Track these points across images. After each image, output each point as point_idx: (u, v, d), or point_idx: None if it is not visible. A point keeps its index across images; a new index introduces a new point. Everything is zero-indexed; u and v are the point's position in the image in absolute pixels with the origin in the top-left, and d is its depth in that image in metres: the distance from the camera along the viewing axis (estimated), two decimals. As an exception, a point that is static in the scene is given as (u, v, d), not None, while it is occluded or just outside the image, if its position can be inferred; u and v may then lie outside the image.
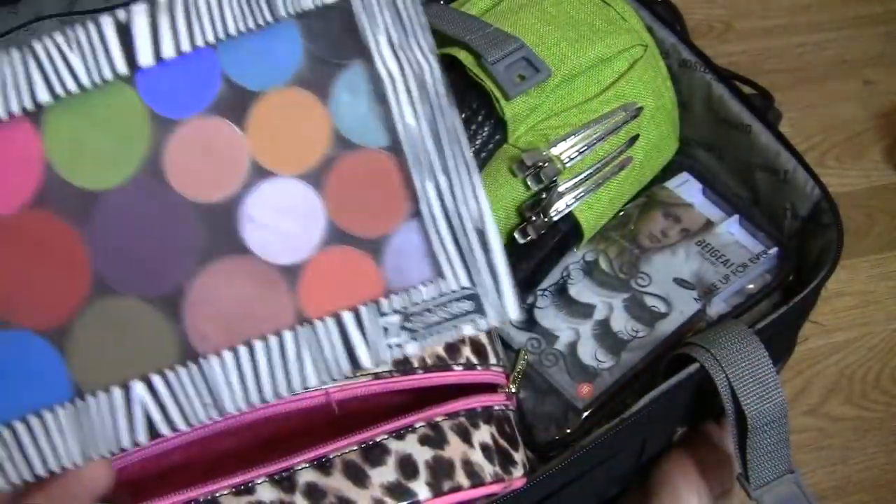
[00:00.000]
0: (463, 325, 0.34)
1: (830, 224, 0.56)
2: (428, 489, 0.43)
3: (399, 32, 0.35)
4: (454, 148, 0.35)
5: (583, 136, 0.55)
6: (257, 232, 0.34)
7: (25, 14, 0.58)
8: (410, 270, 0.34)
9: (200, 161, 0.34)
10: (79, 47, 0.34)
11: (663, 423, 0.53)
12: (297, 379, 0.34)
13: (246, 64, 0.34)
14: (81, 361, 0.34)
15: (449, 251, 0.35)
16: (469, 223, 0.35)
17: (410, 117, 0.35)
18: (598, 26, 0.57)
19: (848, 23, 0.91)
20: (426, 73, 0.35)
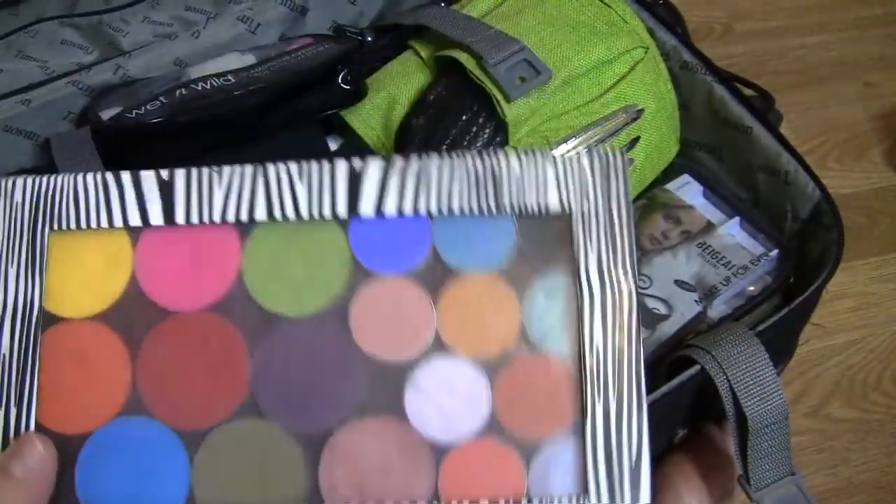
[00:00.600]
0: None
1: (831, 226, 0.56)
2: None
3: (609, 255, 0.35)
4: (632, 378, 0.35)
5: (584, 138, 0.55)
6: (420, 402, 0.34)
7: (26, 16, 0.58)
8: (556, 481, 0.34)
9: (388, 319, 0.35)
10: (308, 180, 0.35)
11: (664, 425, 0.53)
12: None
13: (457, 242, 0.35)
14: (207, 472, 0.34)
15: (600, 471, 0.35)
16: (626, 452, 0.35)
17: (598, 335, 0.35)
18: (599, 28, 0.58)
19: (848, 24, 0.91)
20: (625, 299, 0.35)
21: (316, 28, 0.63)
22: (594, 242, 0.36)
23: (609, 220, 0.36)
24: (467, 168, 0.36)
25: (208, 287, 0.35)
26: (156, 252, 0.35)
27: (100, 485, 0.34)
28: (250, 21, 0.61)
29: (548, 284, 0.35)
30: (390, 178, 0.36)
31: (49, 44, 0.58)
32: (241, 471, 0.34)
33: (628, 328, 0.35)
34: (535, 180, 0.36)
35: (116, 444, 0.34)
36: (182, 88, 0.55)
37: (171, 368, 0.35)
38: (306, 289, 0.35)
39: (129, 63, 0.58)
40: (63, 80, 0.57)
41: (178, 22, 0.60)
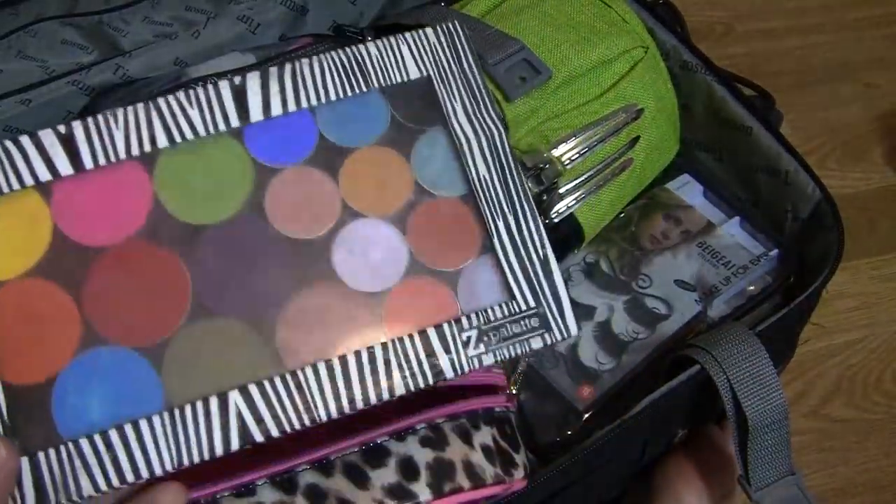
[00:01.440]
0: (532, 339, 0.39)
1: (831, 226, 0.56)
2: (429, 490, 0.43)
3: (471, 102, 0.41)
4: (518, 193, 0.41)
5: (584, 138, 0.55)
6: (347, 264, 0.39)
7: (26, 15, 0.58)
8: (483, 295, 0.39)
9: (298, 203, 0.39)
10: (198, 103, 0.39)
11: (664, 425, 0.53)
12: (386, 389, 0.38)
13: (339, 125, 0.40)
14: (176, 376, 0.37)
15: (518, 277, 0.40)
16: (533, 253, 0.40)
17: (483, 169, 0.41)
18: (599, 28, 0.58)
19: (849, 25, 0.91)
20: (495, 135, 0.41)
21: (316, 28, 0.63)
22: (456, 97, 0.41)
23: (464, 77, 0.42)
24: (334, 61, 0.41)
25: (129, 218, 0.38)
26: (70, 200, 0.38)
27: (80, 417, 0.36)
28: (250, 21, 0.61)
29: (427, 140, 0.41)
30: (270, 84, 0.40)
31: (49, 44, 0.58)
32: (208, 365, 0.37)
33: (504, 158, 0.41)
34: (395, 58, 0.41)
35: (84, 376, 0.36)
36: (182, 88, 0.55)
37: (117, 296, 0.37)
38: (219, 197, 0.39)
39: (129, 63, 0.58)
40: (63, 80, 0.57)
41: (178, 22, 0.60)
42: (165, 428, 0.36)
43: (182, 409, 0.36)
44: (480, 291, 0.40)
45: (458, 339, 0.39)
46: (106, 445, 0.36)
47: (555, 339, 0.40)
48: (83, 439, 0.36)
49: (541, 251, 0.40)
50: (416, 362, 0.38)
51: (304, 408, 0.37)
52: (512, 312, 0.39)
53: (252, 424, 0.37)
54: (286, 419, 0.37)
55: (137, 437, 0.36)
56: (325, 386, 0.37)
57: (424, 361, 0.38)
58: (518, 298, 0.40)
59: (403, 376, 0.38)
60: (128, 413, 0.36)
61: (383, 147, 0.41)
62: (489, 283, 0.40)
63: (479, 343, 0.39)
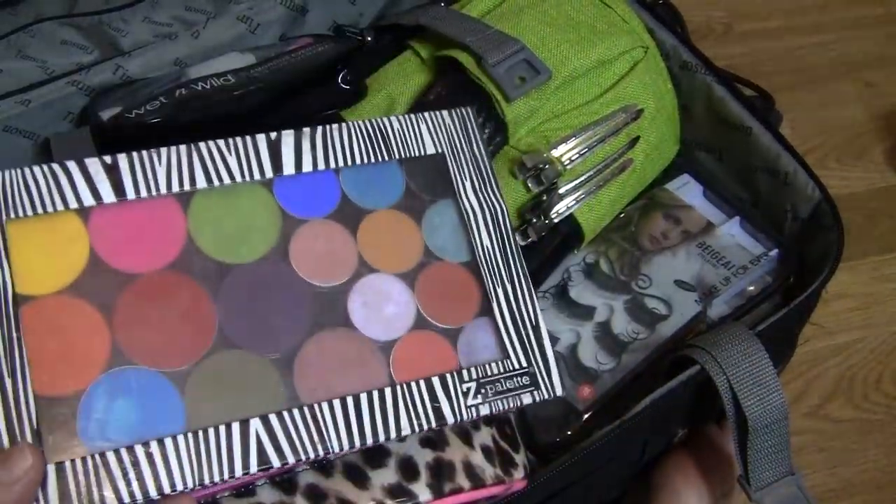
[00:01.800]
0: (523, 395, 0.44)
1: (831, 226, 0.56)
2: (428, 491, 0.43)
3: (479, 180, 0.47)
4: (517, 264, 0.46)
5: (583, 138, 0.55)
6: (361, 313, 0.42)
7: (26, 15, 0.58)
8: (481, 352, 0.44)
9: (320, 253, 0.43)
10: (236, 151, 0.43)
11: (664, 424, 0.53)
12: (394, 427, 0.41)
13: (361, 187, 0.45)
14: (199, 400, 0.39)
15: (513, 338, 0.44)
16: (527, 319, 0.45)
17: (486, 240, 0.46)
18: (599, 28, 0.57)
19: (849, 24, 0.91)
20: (498, 210, 0.46)
21: (316, 28, 0.63)
22: (466, 174, 0.46)
23: (473, 157, 0.47)
24: (361, 130, 0.45)
25: (162, 249, 0.41)
26: (108, 225, 0.40)
27: (105, 431, 0.37)
28: (250, 21, 0.61)
29: (437, 209, 0.46)
30: (302, 143, 0.44)
31: (49, 44, 0.58)
32: (228, 393, 0.39)
33: (505, 232, 0.46)
34: (414, 134, 0.46)
35: (111, 393, 0.38)
36: (182, 88, 0.55)
37: (146, 322, 0.39)
38: (248, 239, 0.42)
39: (129, 63, 0.58)
40: (63, 80, 0.57)
41: (177, 22, 0.60)
42: (189, 447, 0.38)
43: (206, 431, 0.38)
44: (478, 349, 0.44)
45: (458, 389, 0.42)
46: (132, 460, 0.37)
47: (542, 397, 0.44)
48: (110, 453, 0.37)
49: (533, 317, 0.45)
50: (422, 406, 0.41)
51: (318, 439, 0.39)
52: (506, 370, 0.44)
53: (270, 450, 0.39)
54: (302, 448, 0.39)
55: (162, 454, 0.38)
56: (339, 421, 0.40)
57: (429, 406, 0.41)
58: (512, 358, 0.44)
59: (410, 418, 0.41)
60: (151, 431, 0.38)
61: (398, 212, 0.45)
62: (486, 343, 0.44)
63: (477, 394, 0.42)
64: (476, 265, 0.45)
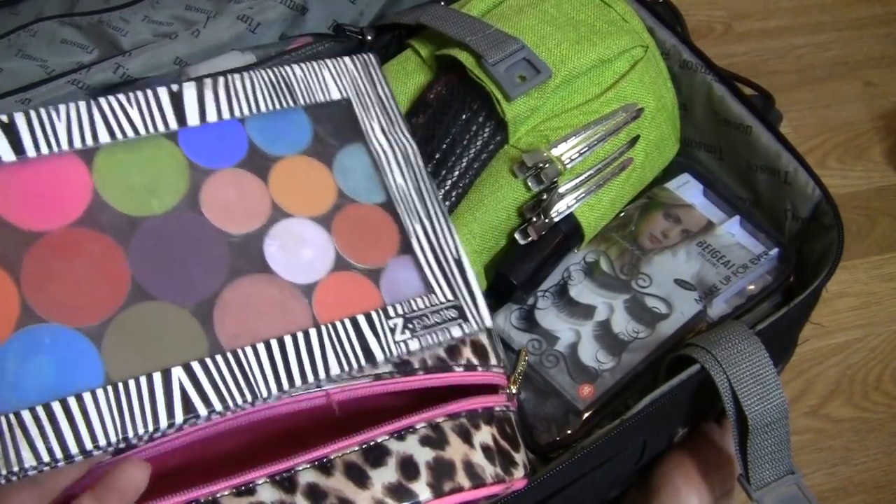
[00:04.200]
0: (451, 328, 0.44)
1: (831, 225, 0.56)
2: (429, 490, 0.43)
3: (387, 122, 0.47)
4: (433, 200, 0.46)
5: (583, 137, 0.55)
6: (279, 257, 0.42)
7: (26, 15, 0.58)
8: (405, 289, 0.44)
9: (231, 202, 0.42)
10: (137, 104, 0.42)
11: (664, 423, 0.53)
12: (322, 368, 0.40)
13: (268, 134, 0.44)
14: (117, 354, 0.38)
15: (436, 273, 0.45)
16: (448, 253, 0.45)
17: (399, 179, 0.46)
18: (599, 27, 0.58)
19: (849, 24, 0.91)
20: (409, 150, 0.47)
21: (316, 27, 0.63)
22: (373, 115, 0.47)
23: (379, 100, 0.47)
24: (264, 78, 0.45)
25: (68, 206, 0.40)
26: (10, 185, 0.39)
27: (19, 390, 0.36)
28: (250, 20, 0.61)
29: (347, 153, 0.45)
30: (205, 93, 0.44)
31: (49, 43, 0.58)
32: (148, 343, 0.38)
33: (418, 170, 0.46)
34: (318, 81, 0.46)
35: (23, 352, 0.37)
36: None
37: (56, 278, 0.38)
38: (157, 192, 0.41)
39: (129, 62, 0.58)
40: (63, 80, 0.57)
41: (178, 21, 0.60)
42: (109, 401, 0.37)
43: (126, 384, 0.37)
44: (402, 286, 0.44)
45: (385, 325, 0.42)
46: (49, 417, 0.36)
47: (472, 329, 0.44)
48: (25, 411, 0.36)
49: (455, 252, 0.45)
50: (349, 345, 0.41)
51: (245, 385, 0.39)
52: (433, 304, 0.44)
53: (196, 399, 0.38)
54: (229, 395, 0.39)
55: (81, 409, 0.36)
56: (266, 365, 0.40)
57: (356, 344, 0.41)
58: (437, 292, 0.44)
59: (337, 357, 0.41)
60: (69, 388, 0.37)
61: (308, 157, 0.45)
62: (409, 279, 0.44)
63: (405, 330, 0.43)
64: (392, 205, 0.45)
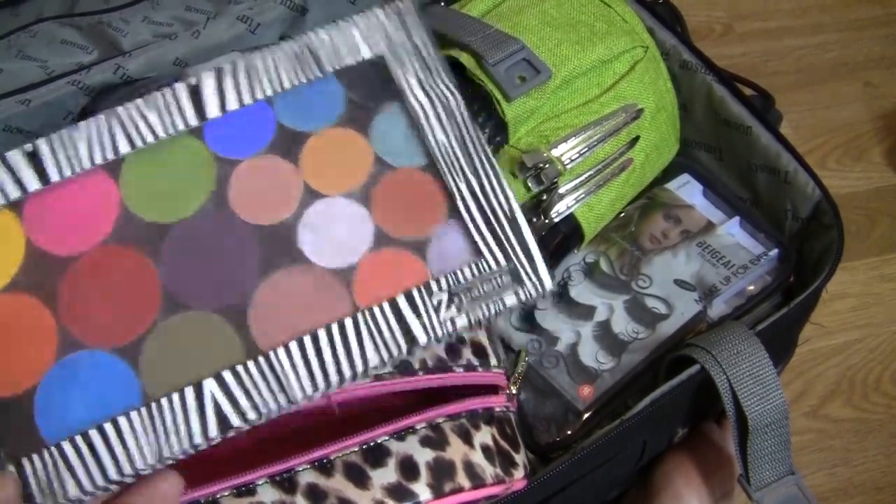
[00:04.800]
0: (505, 296, 0.39)
1: (831, 225, 0.56)
2: (429, 490, 0.43)
3: (426, 73, 0.42)
4: (480, 154, 0.41)
5: (583, 138, 0.55)
6: (313, 244, 0.39)
7: (26, 15, 0.58)
8: (452, 258, 0.39)
9: (260, 191, 0.40)
10: (156, 106, 0.40)
11: (664, 424, 0.53)
12: (360, 361, 0.38)
13: (296, 111, 0.41)
14: (153, 371, 0.37)
15: (486, 236, 0.40)
16: (500, 211, 0.40)
17: (441, 135, 0.41)
18: (599, 28, 0.58)
19: (849, 25, 0.91)
20: (451, 102, 0.42)
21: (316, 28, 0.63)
22: (410, 70, 0.42)
23: (416, 51, 0.42)
24: (286, 52, 0.41)
25: (98, 224, 0.39)
26: (41, 213, 0.39)
27: (63, 421, 0.36)
28: (250, 21, 0.61)
29: (384, 115, 0.42)
30: (224, 80, 0.41)
31: (49, 43, 0.58)
32: (183, 358, 0.37)
33: (462, 122, 0.41)
34: (346, 43, 0.42)
35: (64, 382, 0.37)
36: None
37: (90, 301, 0.38)
38: (183, 194, 0.40)
39: (129, 63, 0.58)
40: (63, 80, 0.57)
41: (178, 22, 0.60)
42: (144, 422, 0.36)
43: (158, 402, 0.37)
44: (449, 255, 0.40)
45: (428, 303, 0.39)
46: (88, 445, 0.36)
47: (529, 294, 0.39)
48: (65, 442, 0.36)
49: (507, 208, 0.40)
50: (388, 330, 0.38)
51: (278, 389, 0.37)
52: (482, 271, 0.39)
53: (229, 410, 0.37)
54: (262, 402, 0.37)
55: (118, 433, 0.36)
56: (299, 365, 0.38)
57: (396, 329, 0.38)
58: (487, 257, 0.39)
59: (376, 346, 0.38)
60: (108, 412, 0.37)
61: (342, 128, 0.41)
62: (457, 247, 0.40)
63: (450, 305, 0.39)
64: (434, 165, 0.41)
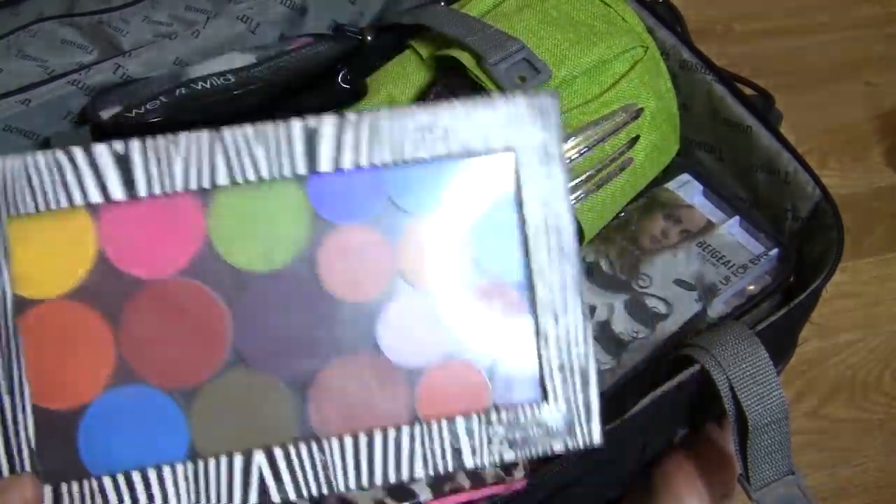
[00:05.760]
0: (554, 443, 0.38)
1: (831, 225, 0.56)
2: (429, 490, 0.43)
3: (546, 187, 0.38)
4: (575, 296, 0.38)
5: (583, 138, 0.55)
6: (391, 335, 0.37)
7: (26, 15, 0.58)
8: (517, 391, 0.38)
9: (352, 265, 0.37)
10: (265, 141, 0.36)
11: (664, 424, 0.53)
12: (406, 471, 0.37)
13: (411, 189, 0.37)
14: (204, 425, 0.36)
15: (555, 381, 0.38)
16: (577, 362, 0.38)
17: (545, 260, 0.38)
18: (599, 27, 0.57)
19: (849, 24, 0.91)
20: (563, 229, 0.38)
21: (316, 28, 0.63)
22: (533, 176, 0.38)
23: (545, 156, 0.38)
24: (415, 119, 0.37)
25: (177, 253, 0.37)
26: (120, 225, 0.36)
27: (105, 453, 0.36)
28: (250, 21, 0.61)
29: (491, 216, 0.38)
30: (345, 133, 0.37)
31: (49, 43, 0.58)
32: (236, 419, 0.36)
33: (568, 252, 0.38)
34: (478, 124, 0.38)
35: (113, 411, 0.36)
36: (182, 88, 0.55)
37: (155, 334, 0.36)
38: (272, 245, 0.37)
39: (129, 62, 0.58)
40: (63, 80, 0.57)
41: (177, 21, 0.60)
42: (188, 477, 0.36)
43: (206, 462, 0.36)
44: (515, 387, 0.38)
45: (484, 434, 0.38)
46: (128, 486, 0.36)
47: (577, 446, 0.38)
48: (106, 477, 0.36)
49: (583, 360, 0.38)
50: (440, 449, 0.37)
51: (324, 478, 0.37)
52: (541, 415, 0.38)
53: (272, 486, 0.36)
54: (305, 486, 0.37)
55: (160, 481, 0.36)
56: (349, 460, 0.37)
57: (448, 450, 0.37)
58: (551, 402, 0.38)
59: (425, 461, 0.37)
60: (153, 457, 0.36)
61: None
62: (526, 381, 0.38)
63: (503, 441, 0.38)
64: (531, 291, 0.38)
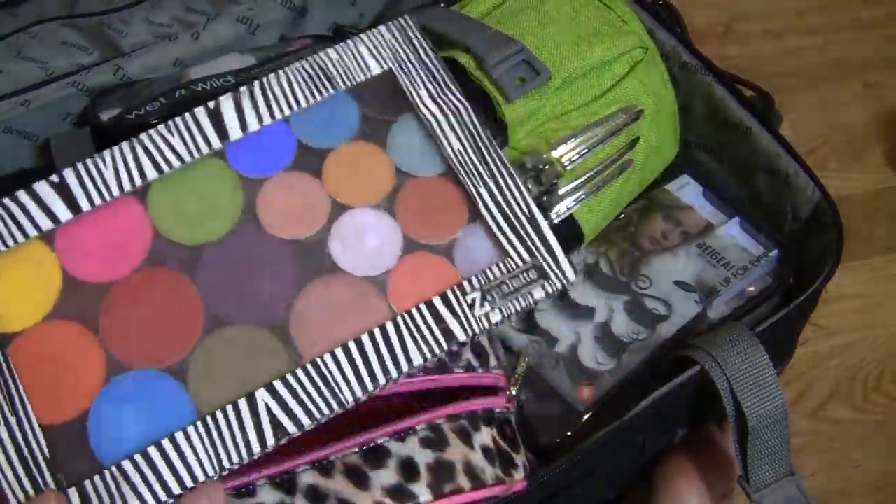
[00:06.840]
0: (533, 290, 0.42)
1: (831, 226, 0.56)
2: (429, 491, 0.43)
3: (434, 85, 0.45)
4: (494, 159, 0.44)
5: (583, 139, 0.55)
6: (346, 254, 0.42)
7: (26, 16, 0.58)
8: (480, 259, 0.42)
9: (288, 208, 0.42)
10: (178, 132, 0.42)
11: (664, 425, 0.53)
12: (404, 361, 0.40)
13: (314, 129, 0.43)
14: (203, 387, 0.39)
15: (509, 236, 0.43)
16: (519, 212, 0.43)
17: (456, 143, 0.44)
18: (599, 29, 0.58)
19: (849, 25, 0.91)
20: (461, 110, 0.44)
21: (316, 29, 0.63)
22: (419, 82, 0.44)
23: (423, 64, 0.45)
24: (300, 71, 0.44)
25: (132, 250, 0.41)
26: (75, 242, 0.40)
27: (118, 442, 0.38)
28: (250, 22, 0.61)
29: (399, 128, 0.44)
30: (243, 103, 0.43)
31: (49, 45, 0.58)
32: (232, 372, 0.39)
33: (475, 130, 0.44)
34: (355, 59, 0.44)
35: (115, 403, 0.38)
36: (182, 89, 0.56)
37: (133, 325, 0.39)
38: (214, 215, 0.41)
39: (129, 64, 0.58)
40: (63, 81, 0.57)
41: (177, 23, 0.60)
42: (201, 436, 0.38)
43: (214, 416, 0.38)
44: (476, 256, 0.42)
45: (463, 302, 0.41)
46: (148, 463, 0.37)
47: (554, 287, 0.42)
48: (125, 461, 0.37)
49: (526, 210, 0.43)
50: (428, 331, 0.40)
51: (330, 394, 0.39)
52: (509, 269, 0.42)
53: (284, 419, 0.38)
54: (315, 408, 0.39)
55: (176, 449, 0.37)
56: (347, 370, 0.39)
57: (435, 328, 0.41)
58: (513, 255, 0.42)
59: (418, 346, 0.40)
60: (162, 429, 0.38)
61: (359, 142, 0.44)
62: (483, 247, 0.43)
63: (483, 303, 0.41)
64: (453, 172, 0.43)
